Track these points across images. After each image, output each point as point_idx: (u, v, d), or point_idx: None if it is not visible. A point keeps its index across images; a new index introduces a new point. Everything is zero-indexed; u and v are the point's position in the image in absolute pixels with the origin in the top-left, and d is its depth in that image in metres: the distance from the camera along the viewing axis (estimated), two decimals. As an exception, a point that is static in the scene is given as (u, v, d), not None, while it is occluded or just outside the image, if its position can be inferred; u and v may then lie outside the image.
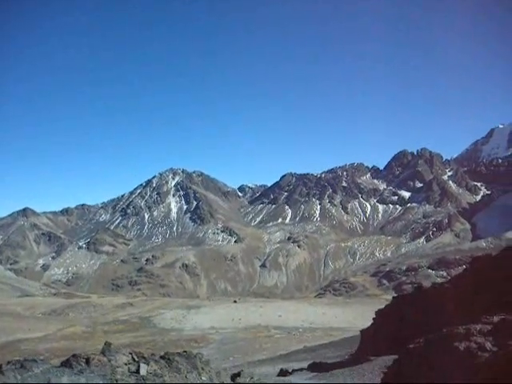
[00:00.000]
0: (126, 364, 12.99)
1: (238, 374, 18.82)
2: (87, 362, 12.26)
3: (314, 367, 27.33)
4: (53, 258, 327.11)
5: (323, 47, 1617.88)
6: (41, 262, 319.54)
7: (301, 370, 26.91)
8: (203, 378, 15.83)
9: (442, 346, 12.17)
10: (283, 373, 26.36)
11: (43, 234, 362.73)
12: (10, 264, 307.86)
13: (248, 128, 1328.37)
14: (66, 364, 12.25)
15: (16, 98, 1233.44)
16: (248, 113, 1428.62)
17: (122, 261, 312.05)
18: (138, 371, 12.71)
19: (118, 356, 13.08)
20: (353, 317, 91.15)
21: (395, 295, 30.30)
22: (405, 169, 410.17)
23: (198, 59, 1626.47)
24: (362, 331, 30.03)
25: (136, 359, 13.57)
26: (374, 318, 29.31)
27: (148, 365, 13.43)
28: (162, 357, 15.42)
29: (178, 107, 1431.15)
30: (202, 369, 16.28)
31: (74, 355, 12.62)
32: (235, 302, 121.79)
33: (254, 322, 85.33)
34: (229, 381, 17.51)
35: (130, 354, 13.73)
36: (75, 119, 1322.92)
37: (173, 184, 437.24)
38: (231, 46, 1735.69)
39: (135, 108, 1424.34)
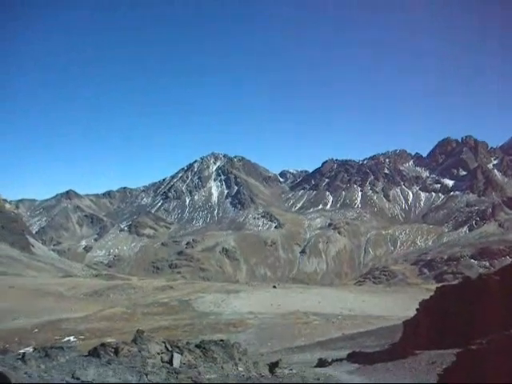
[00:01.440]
0: (158, 353, 12.33)
1: (277, 364, 17.96)
2: (116, 351, 11.67)
3: (354, 357, 26.52)
4: (95, 239, 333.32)
5: (369, 33, 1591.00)
6: (83, 243, 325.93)
7: (340, 360, 26.12)
8: (240, 368, 15.13)
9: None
10: (322, 362, 25.64)
11: (86, 216, 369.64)
12: (54, 245, 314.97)
13: (290, 114, 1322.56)
14: (94, 353, 11.65)
15: (60, 82, 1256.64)
16: (290, 99, 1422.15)
17: (162, 244, 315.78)
18: (170, 362, 12.07)
19: (150, 345, 12.39)
20: (392, 305, 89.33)
21: (439, 285, 29.00)
22: (448, 156, 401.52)
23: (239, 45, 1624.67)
24: (405, 322, 28.97)
25: (169, 348, 12.90)
26: (417, 309, 28.19)
27: (182, 355, 12.76)
28: (197, 345, 14.73)
29: (220, 93, 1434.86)
30: (239, 359, 15.58)
31: (102, 344, 11.97)
32: (274, 287, 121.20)
33: (293, 308, 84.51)
34: (266, 371, 16.70)
35: (164, 342, 13.05)
36: (117, 103, 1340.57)
37: (214, 168, 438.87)
38: (272, 31, 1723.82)
39: (179, 92, 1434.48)
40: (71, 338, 62.96)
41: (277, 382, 13.74)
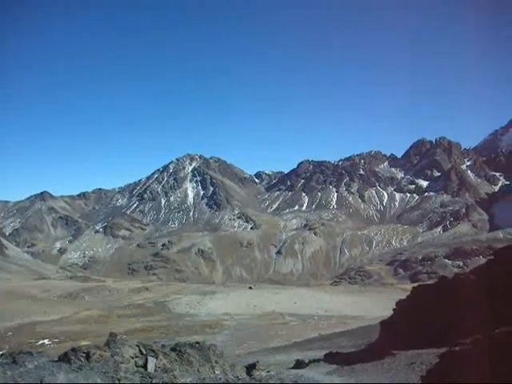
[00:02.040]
0: (132, 357, 11.90)
1: (254, 366, 17.68)
2: (87, 356, 11.12)
3: (331, 358, 26.36)
4: (70, 241, 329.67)
5: (342, 34, 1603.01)
6: (58, 245, 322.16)
7: (317, 361, 25.92)
8: (217, 371, 14.80)
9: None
10: (299, 364, 25.43)
11: (60, 217, 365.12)
12: (28, 247, 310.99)
13: (265, 114, 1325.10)
14: (64, 359, 11.09)
15: (31, 83, 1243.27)
16: (265, 99, 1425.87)
17: (138, 245, 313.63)
18: (145, 366, 11.68)
19: (123, 349, 11.95)
20: (368, 305, 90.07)
21: (415, 285, 29.06)
22: (423, 157, 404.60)
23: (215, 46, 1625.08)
24: (382, 322, 28.95)
25: (144, 352, 12.48)
26: (394, 309, 28.20)
27: (157, 358, 12.36)
28: (172, 349, 14.35)
29: (195, 93, 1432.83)
30: (216, 362, 15.25)
31: (73, 349, 11.40)
32: (250, 288, 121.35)
33: (269, 309, 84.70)
34: (244, 374, 16.40)
35: (138, 346, 12.62)
36: (92, 103, 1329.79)
37: (190, 169, 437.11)
38: (248, 28, 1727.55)
39: (153, 93, 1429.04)
40: (46, 341, 62.25)
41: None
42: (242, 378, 15.13)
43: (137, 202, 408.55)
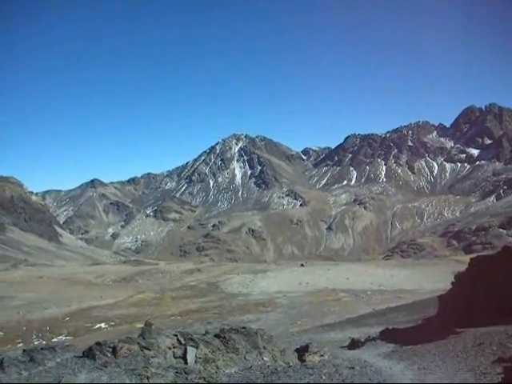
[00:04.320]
0: (169, 348, 10.90)
1: (306, 348, 16.53)
2: (114, 351, 10.19)
3: (387, 335, 25.21)
4: (122, 226, 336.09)
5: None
6: (110, 230, 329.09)
7: (373, 339, 24.80)
8: (265, 358, 13.76)
9: None
10: (354, 343, 24.36)
11: (111, 203, 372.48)
12: (82, 234, 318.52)
13: (310, 90, 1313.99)
14: (89, 354, 10.18)
15: (80, 70, 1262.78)
16: (309, 77, 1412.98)
17: (188, 227, 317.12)
18: (184, 357, 10.72)
19: (160, 339, 10.94)
20: (422, 279, 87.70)
21: (473, 256, 27.33)
22: (473, 125, 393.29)
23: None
24: (441, 296, 27.47)
25: (182, 342, 11.46)
26: (452, 282, 26.66)
27: (197, 348, 11.34)
28: (216, 335, 13.27)
29: (239, 74, 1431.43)
30: (264, 347, 14.17)
31: (97, 343, 10.52)
32: (302, 265, 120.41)
33: (322, 286, 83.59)
34: (295, 360, 15.28)
35: (175, 335, 11.56)
36: (139, 89, 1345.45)
37: (236, 150, 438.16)
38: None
39: (199, 76, 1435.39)
40: (102, 325, 63.02)
41: (305, 383, 12.06)
42: (292, 365, 14.02)
43: (185, 185, 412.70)
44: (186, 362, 10.88)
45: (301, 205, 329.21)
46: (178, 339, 11.37)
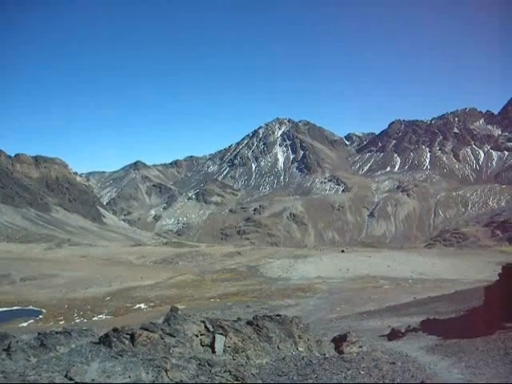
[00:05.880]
0: (196, 335, 10.16)
1: (344, 338, 15.64)
2: (132, 338, 9.44)
3: (429, 326, 24.41)
4: (164, 208, 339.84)
5: None
6: (152, 212, 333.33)
7: (414, 330, 23.98)
8: (300, 348, 13.00)
9: None
10: (394, 333, 23.56)
11: (154, 185, 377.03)
12: (124, 215, 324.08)
13: (355, 76, 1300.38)
14: (105, 341, 9.44)
15: (123, 52, 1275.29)
16: (354, 62, 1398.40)
17: (230, 211, 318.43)
18: (212, 345, 10.03)
19: (186, 325, 10.19)
20: (464, 268, 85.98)
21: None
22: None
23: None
24: (488, 288, 26.29)
25: (211, 329, 10.70)
26: (499, 274, 25.48)
27: (226, 336, 10.61)
28: (249, 323, 12.49)
29: (284, 58, 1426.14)
30: (300, 337, 13.38)
31: (115, 329, 9.76)
32: (343, 251, 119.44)
33: (362, 272, 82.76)
34: (332, 351, 14.37)
35: (203, 322, 10.78)
36: (181, 72, 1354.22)
37: (279, 134, 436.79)
38: None
39: (243, 59, 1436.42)
40: (142, 305, 63.69)
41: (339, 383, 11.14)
42: (329, 356, 13.17)
43: (228, 168, 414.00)
44: (213, 351, 10.24)
45: (343, 190, 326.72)
46: (205, 326, 10.63)
